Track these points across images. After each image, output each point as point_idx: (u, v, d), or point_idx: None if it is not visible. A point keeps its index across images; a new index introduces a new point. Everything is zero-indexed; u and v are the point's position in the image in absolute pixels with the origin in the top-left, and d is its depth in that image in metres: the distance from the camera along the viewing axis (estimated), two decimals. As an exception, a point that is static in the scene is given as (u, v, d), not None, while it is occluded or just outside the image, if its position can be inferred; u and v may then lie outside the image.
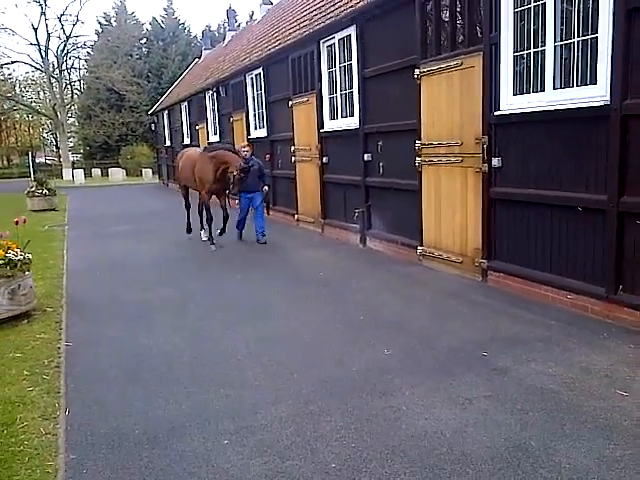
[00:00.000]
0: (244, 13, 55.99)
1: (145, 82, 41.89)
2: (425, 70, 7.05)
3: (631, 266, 4.75)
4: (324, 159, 10.14)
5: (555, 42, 5.31)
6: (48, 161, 48.96)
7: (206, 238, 9.77)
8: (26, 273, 5.67)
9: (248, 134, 14.21)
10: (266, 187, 9.83)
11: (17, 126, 52.38)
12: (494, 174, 6.20)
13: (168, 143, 25.86)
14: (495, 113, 6.03)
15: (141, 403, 3.84)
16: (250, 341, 4.95)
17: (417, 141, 7.31)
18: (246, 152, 9.55)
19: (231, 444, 3.28)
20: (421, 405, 3.65)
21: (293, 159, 11.45)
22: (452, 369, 4.19)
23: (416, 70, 7.18)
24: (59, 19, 39.74)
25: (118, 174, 35.29)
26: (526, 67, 5.72)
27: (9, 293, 5.48)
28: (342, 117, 9.60)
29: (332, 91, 9.89)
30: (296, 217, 11.62)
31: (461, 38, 6.55)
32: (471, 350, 4.53)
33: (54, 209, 16.41)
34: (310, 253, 8.85)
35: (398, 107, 7.82)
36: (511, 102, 5.88)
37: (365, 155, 8.70)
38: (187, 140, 21.61)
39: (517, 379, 3.96)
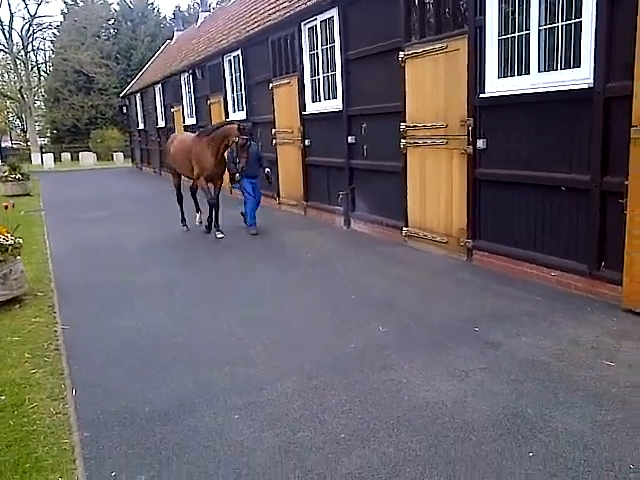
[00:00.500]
0: (214, -7, 54.75)
1: (114, 64, 40.96)
2: (410, 53, 7.14)
3: (613, 243, 4.96)
4: (306, 142, 10.19)
5: (540, 26, 5.45)
6: (15, 145, 47.73)
7: (199, 222, 9.65)
8: (17, 258, 5.65)
9: (227, 117, 14.11)
10: (268, 169, 9.29)
11: (-19, 109, 50.88)
12: (479, 155, 6.36)
13: (141, 126, 25.49)
14: (480, 95, 6.16)
15: (147, 382, 3.91)
16: (247, 322, 5.04)
17: (402, 123, 7.42)
18: (245, 126, 8.81)
19: (242, 418, 3.39)
20: (420, 377, 3.81)
21: (274, 142, 11.46)
22: (446, 344, 4.36)
23: (400, 53, 7.26)
24: (22, -2, 38.62)
25: (89, 158, 34.62)
26: (511, 50, 5.85)
27: (1, 278, 5.46)
28: (325, 99, 9.65)
29: (314, 73, 9.91)
30: (278, 200, 11.67)
31: (446, 21, 6.64)
32: (462, 326, 4.71)
33: (28, 194, 16.12)
34: (295, 235, 8.94)
35: (382, 90, 7.91)
36: (496, 85, 6.02)
37: (349, 137, 8.79)
38: (162, 123, 21.34)
39: (509, 352, 4.15)
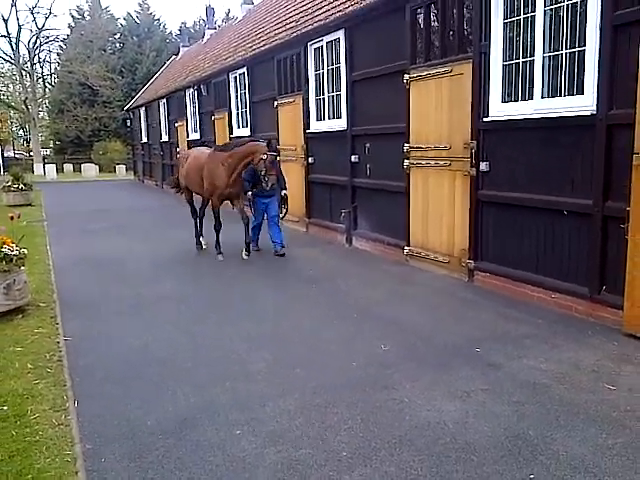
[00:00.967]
0: (220, 11, 55.69)
1: (119, 77, 41.32)
2: (415, 75, 7.25)
3: (614, 268, 5.01)
4: (310, 159, 10.28)
5: (544, 53, 5.56)
6: (17, 156, 47.92)
7: (205, 246, 9.14)
8: (21, 268, 5.68)
9: (231, 133, 14.26)
10: (285, 192, 8.62)
11: (-15, 119, 51.15)
12: (482, 178, 6.43)
13: (145, 140, 25.67)
14: (484, 119, 6.25)
15: (149, 396, 3.92)
16: (249, 338, 5.06)
17: (406, 144, 7.51)
18: (272, 141, 8.20)
19: (244, 434, 3.40)
20: (422, 397, 3.82)
21: (277, 158, 11.52)
22: (448, 364, 4.38)
23: (405, 75, 7.37)
24: (31, 11, 39.00)
25: (91, 170, 34.79)
26: (515, 76, 5.95)
27: (4, 288, 5.48)
28: (329, 119, 9.75)
29: (319, 93, 10.03)
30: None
31: (451, 45, 6.76)
32: (464, 346, 4.73)
33: (30, 204, 16.17)
34: (298, 252, 8.97)
35: (386, 110, 8.01)
36: (500, 109, 6.11)
37: (352, 156, 8.87)
38: (165, 137, 21.51)
39: (511, 374, 4.17)
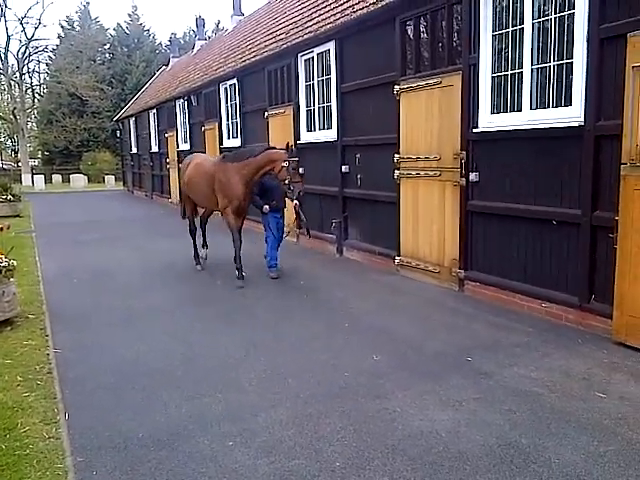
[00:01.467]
0: (210, 22, 55.94)
1: (108, 88, 41.26)
2: (405, 87, 7.31)
3: (603, 277, 5.06)
4: (300, 170, 10.27)
5: (532, 65, 5.64)
6: (5, 166, 47.59)
7: (200, 268, 8.33)
8: (10, 280, 5.63)
9: (221, 143, 14.28)
10: (296, 201, 7.54)
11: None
12: (471, 188, 6.48)
13: (134, 150, 25.63)
14: (473, 130, 6.31)
15: (140, 407, 3.90)
16: (239, 348, 5.04)
17: (396, 155, 7.56)
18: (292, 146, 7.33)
19: (236, 445, 3.39)
20: (414, 407, 3.83)
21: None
22: (440, 373, 4.39)
23: (396, 86, 7.44)
24: (20, 21, 38.95)
25: (80, 180, 34.58)
26: (504, 87, 6.03)
27: (-7, 299, 5.43)
28: (320, 129, 9.80)
29: (310, 104, 10.08)
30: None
31: (441, 57, 6.84)
32: (456, 355, 4.75)
33: (18, 215, 16.06)
34: (288, 262, 8.95)
35: (377, 121, 8.07)
36: (489, 120, 6.18)
37: (343, 167, 8.92)
38: (155, 148, 21.50)
39: (502, 382, 4.19)
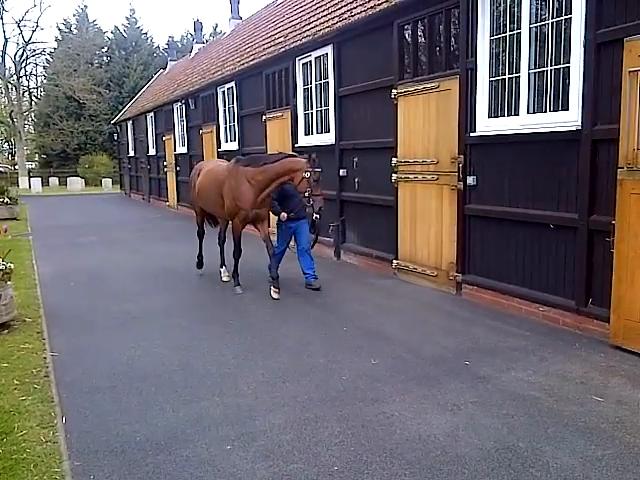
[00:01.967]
0: (208, 25, 55.93)
1: (106, 91, 41.22)
2: (402, 91, 7.33)
3: (600, 280, 5.08)
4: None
5: (529, 69, 5.66)
6: (2, 169, 47.46)
7: (227, 279, 7.74)
8: (7, 283, 5.62)
9: (219, 147, 14.29)
10: (317, 216, 6.73)
11: (-31, 132, 50.77)
12: (469, 192, 6.50)
13: (132, 153, 25.60)
14: (471, 134, 6.33)
15: (138, 411, 3.89)
16: (237, 352, 5.04)
17: (394, 158, 7.58)
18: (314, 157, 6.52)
19: (234, 449, 3.38)
20: (412, 411, 3.83)
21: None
22: (438, 377, 4.39)
23: (393, 90, 7.46)
24: (18, 24, 38.89)
25: (77, 183, 34.63)
26: (501, 91, 6.05)
27: (-10, 303, 5.42)
28: (317, 133, 9.81)
29: (307, 107, 10.10)
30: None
31: (438, 62, 6.86)
32: (453, 359, 4.75)
33: (15, 218, 16.02)
34: (286, 265, 8.94)
35: (374, 125, 8.09)
36: (487, 124, 6.19)
37: (340, 170, 8.93)
38: (152, 151, 21.47)
39: (500, 386, 4.19)
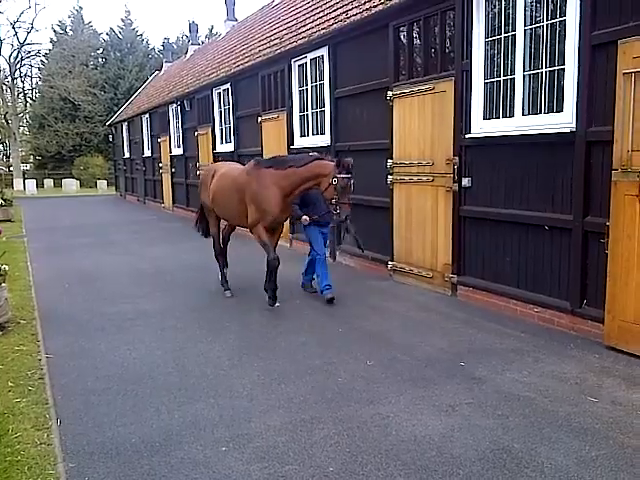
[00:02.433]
0: (203, 27, 56.00)
1: (101, 92, 41.22)
2: (398, 93, 7.34)
3: (595, 282, 5.10)
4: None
5: (524, 71, 5.68)
6: (-4, 170, 47.36)
7: (230, 295, 7.10)
8: (2, 285, 5.60)
9: (214, 148, 14.28)
10: (348, 223, 6.05)
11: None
12: (464, 193, 6.51)
13: (127, 155, 25.56)
14: (466, 136, 6.35)
15: (132, 413, 3.88)
16: (232, 354, 5.03)
17: (389, 160, 7.59)
18: (346, 161, 5.89)
19: (229, 451, 3.38)
20: (408, 412, 3.83)
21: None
22: (433, 378, 4.40)
23: (389, 92, 7.47)
24: (12, 26, 38.76)
25: (72, 185, 34.55)
26: (496, 93, 6.07)
27: (-15, 304, 5.40)
28: (313, 134, 9.82)
29: (303, 109, 10.11)
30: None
31: (433, 63, 6.88)
32: (449, 360, 4.76)
33: (10, 220, 15.96)
34: (281, 267, 8.93)
35: (370, 127, 8.10)
36: (481, 126, 6.21)
37: (336, 172, 8.91)
38: (148, 152, 21.45)
39: (495, 387, 4.20)
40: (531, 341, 5.16)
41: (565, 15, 5.22)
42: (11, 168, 41.31)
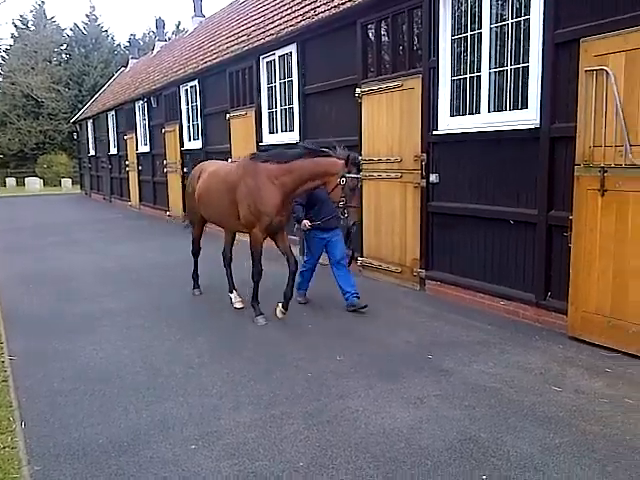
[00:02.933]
0: (170, 23, 55.34)
1: (65, 89, 40.28)
2: (366, 90, 7.38)
3: (558, 274, 5.21)
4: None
5: (490, 69, 5.78)
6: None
7: (241, 305, 6.33)
8: (-38, 284, 5.44)
9: (182, 145, 14.14)
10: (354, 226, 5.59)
11: None
12: (432, 189, 6.59)
13: (92, 153, 25.09)
14: (433, 132, 6.42)
15: (100, 413, 3.82)
16: (202, 352, 4.99)
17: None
18: (355, 158, 5.42)
19: (198, 449, 3.35)
20: (377, 405, 3.86)
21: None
22: (401, 371, 4.44)
23: (357, 89, 7.50)
24: (-29, 20, 37.68)
25: (35, 184, 33.82)
26: (463, 90, 6.15)
27: (-56, 305, 5.23)
28: (282, 131, 9.80)
29: (272, 106, 10.07)
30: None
31: (401, 61, 6.93)
32: (417, 353, 4.81)
33: (-30, 219, 15.56)
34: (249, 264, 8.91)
35: (339, 124, 8.12)
36: (448, 123, 6.29)
37: (305, 169, 8.91)
38: (114, 150, 21.09)
39: (462, 379, 4.26)
40: (497, 333, 5.26)
41: (530, 14, 5.32)
42: (-29, 167, 40.19)
